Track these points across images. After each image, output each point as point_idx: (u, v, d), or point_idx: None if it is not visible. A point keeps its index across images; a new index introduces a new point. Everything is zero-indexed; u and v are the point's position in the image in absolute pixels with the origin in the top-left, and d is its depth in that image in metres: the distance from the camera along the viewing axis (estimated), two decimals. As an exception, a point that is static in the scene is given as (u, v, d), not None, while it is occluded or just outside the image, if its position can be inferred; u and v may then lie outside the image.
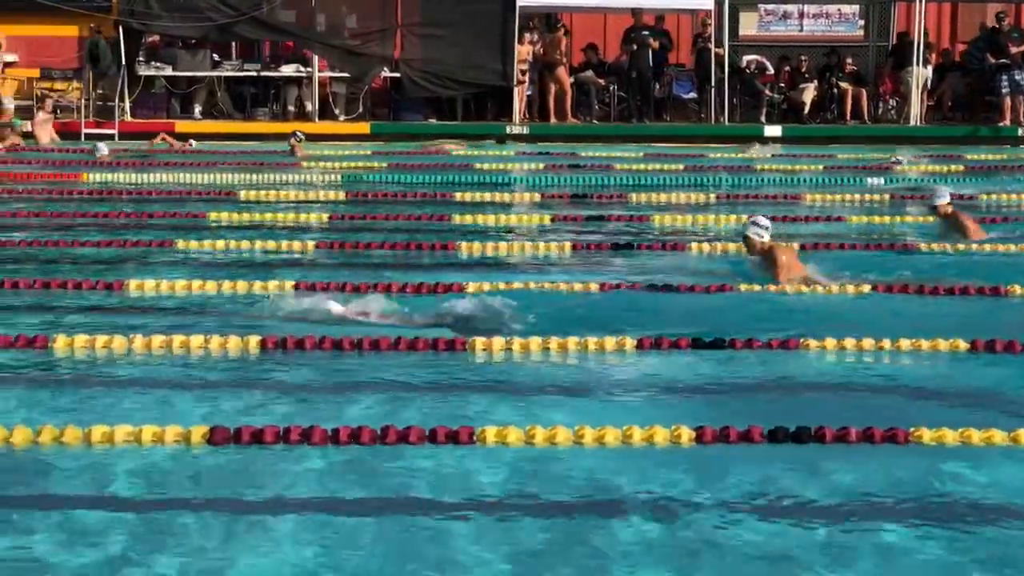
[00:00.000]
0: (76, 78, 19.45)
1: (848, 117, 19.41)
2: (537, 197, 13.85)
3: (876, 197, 13.34)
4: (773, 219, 9.31)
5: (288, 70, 19.79)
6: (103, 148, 15.47)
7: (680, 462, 4.43)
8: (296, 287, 7.89)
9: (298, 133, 16.38)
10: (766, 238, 8.32)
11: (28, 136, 17.56)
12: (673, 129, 19.45)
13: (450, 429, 4.52)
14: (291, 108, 19.70)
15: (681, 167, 15.82)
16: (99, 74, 19.08)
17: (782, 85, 20.78)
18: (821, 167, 15.78)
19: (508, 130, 19.16)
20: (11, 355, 6.31)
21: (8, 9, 18.81)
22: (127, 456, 4.50)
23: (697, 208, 12.62)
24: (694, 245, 9.84)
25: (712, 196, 13.71)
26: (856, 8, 21.08)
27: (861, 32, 21.28)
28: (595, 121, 20.09)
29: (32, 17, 19.20)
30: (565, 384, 5.85)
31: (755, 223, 8.40)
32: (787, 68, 20.91)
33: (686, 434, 4.49)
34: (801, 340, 6.27)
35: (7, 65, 19.55)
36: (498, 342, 6.36)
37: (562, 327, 6.71)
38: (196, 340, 6.47)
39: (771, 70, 21.15)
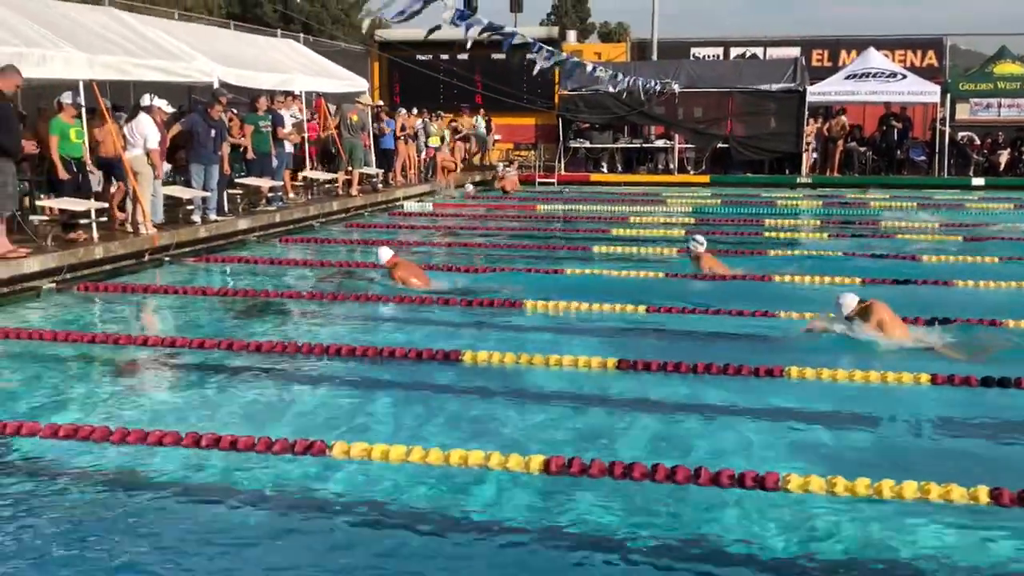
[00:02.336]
0: (532, 148, 27.89)
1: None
2: (817, 222, 17.64)
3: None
4: (975, 239, 13.80)
5: (659, 143, 26.97)
6: (470, 187, 21.58)
7: None
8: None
9: (501, 167, 23.13)
10: (701, 250, 11.14)
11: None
12: (909, 180, 24.57)
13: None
14: (660, 166, 26.77)
15: (915, 204, 20.12)
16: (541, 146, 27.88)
17: (985, 151, 25.77)
18: (1012, 206, 19.83)
19: (798, 180, 24.72)
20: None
21: (500, 108, 27.15)
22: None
23: (923, 231, 15.92)
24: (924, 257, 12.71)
25: (936, 223, 17.08)
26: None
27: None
28: (856, 174, 25.29)
29: (511, 114, 27.58)
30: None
31: (693, 238, 11.12)
32: (988, 139, 26.01)
33: None
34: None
35: (496, 141, 28.33)
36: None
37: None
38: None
39: (978, 141, 26.25)
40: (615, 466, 5.29)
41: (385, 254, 11.26)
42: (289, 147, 17.42)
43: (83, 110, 12.09)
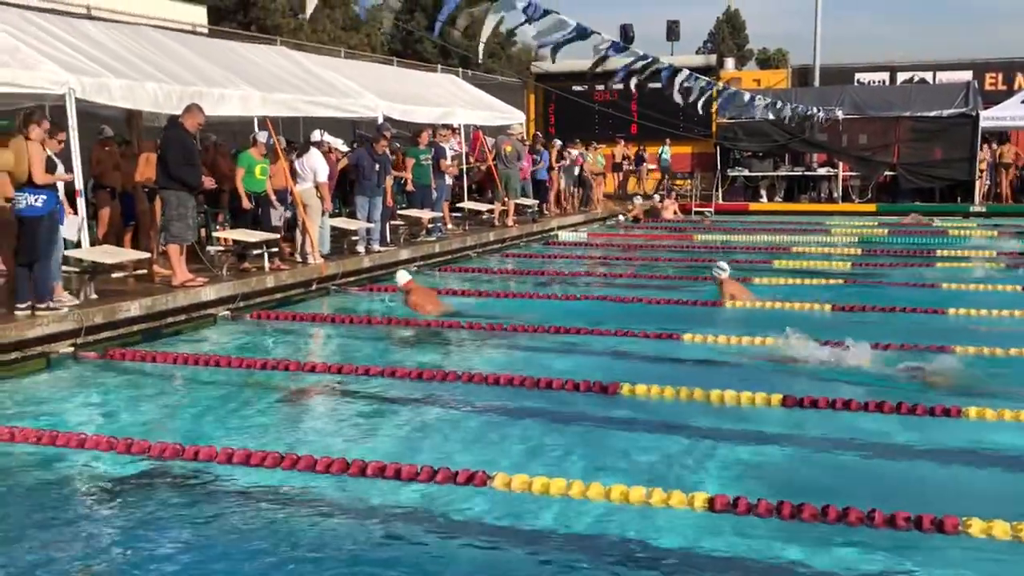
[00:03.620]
0: (690, 177, 27.57)
1: None
2: (992, 253, 16.77)
3: None
4: None
5: (822, 171, 26.32)
6: (621, 217, 22.08)
7: None
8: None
9: (636, 198, 22.48)
10: (724, 276, 11.24)
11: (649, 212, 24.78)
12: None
13: None
14: (823, 195, 26.17)
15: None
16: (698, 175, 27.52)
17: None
18: None
19: (971, 209, 24.03)
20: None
21: (656, 137, 26.87)
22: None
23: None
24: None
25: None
26: None
27: None
28: (1031, 202, 24.33)
29: (669, 143, 27.56)
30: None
31: (717, 265, 11.19)
32: None
33: None
34: None
35: (650, 171, 28.30)
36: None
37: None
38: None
39: None
40: (783, 506, 5.12)
41: (402, 278, 11.53)
42: (449, 179, 17.80)
43: (269, 150, 12.68)
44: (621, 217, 23.46)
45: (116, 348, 9.43)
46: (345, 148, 14.79)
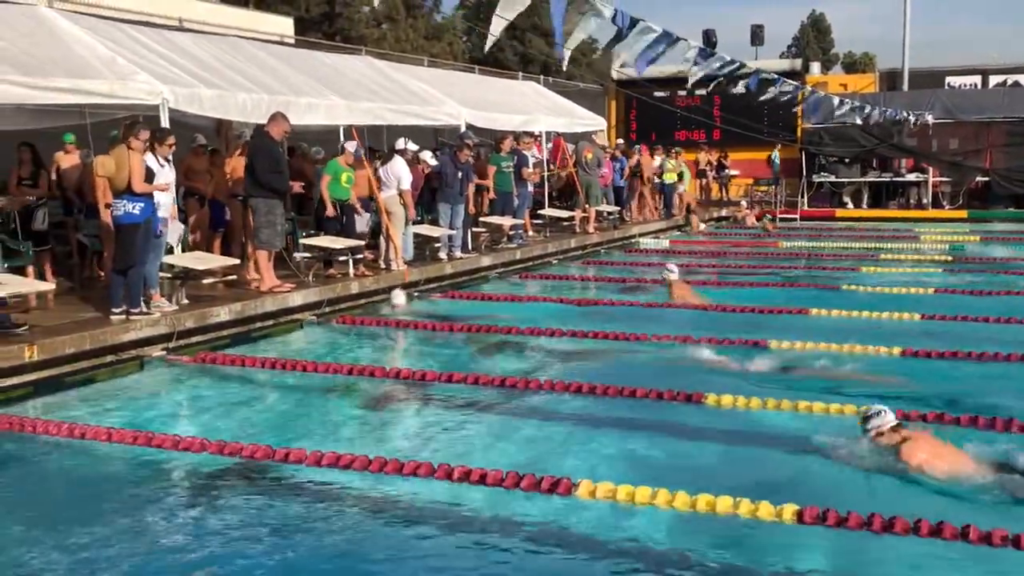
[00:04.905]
0: (773, 183, 26.83)
1: None
2: None
3: None
4: None
5: (911, 176, 25.84)
6: (702, 225, 20.24)
7: None
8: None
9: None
10: (672, 278, 11.16)
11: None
12: None
13: None
14: (912, 201, 25.58)
15: None
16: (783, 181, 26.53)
17: None
18: None
19: None
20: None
21: (739, 143, 26.53)
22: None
23: None
24: None
25: None
26: None
27: None
28: None
29: (750, 147, 26.91)
30: None
31: (665, 267, 10.62)
32: None
33: None
34: None
35: (732, 177, 27.87)
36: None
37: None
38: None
39: None
40: (874, 519, 4.99)
41: (398, 298, 12.25)
42: (531, 187, 17.84)
43: (356, 160, 12.89)
44: (702, 226, 23.12)
45: (206, 352, 9.64)
46: (434, 162, 14.91)
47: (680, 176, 23.86)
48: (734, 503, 5.28)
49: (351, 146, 12.71)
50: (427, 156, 15.09)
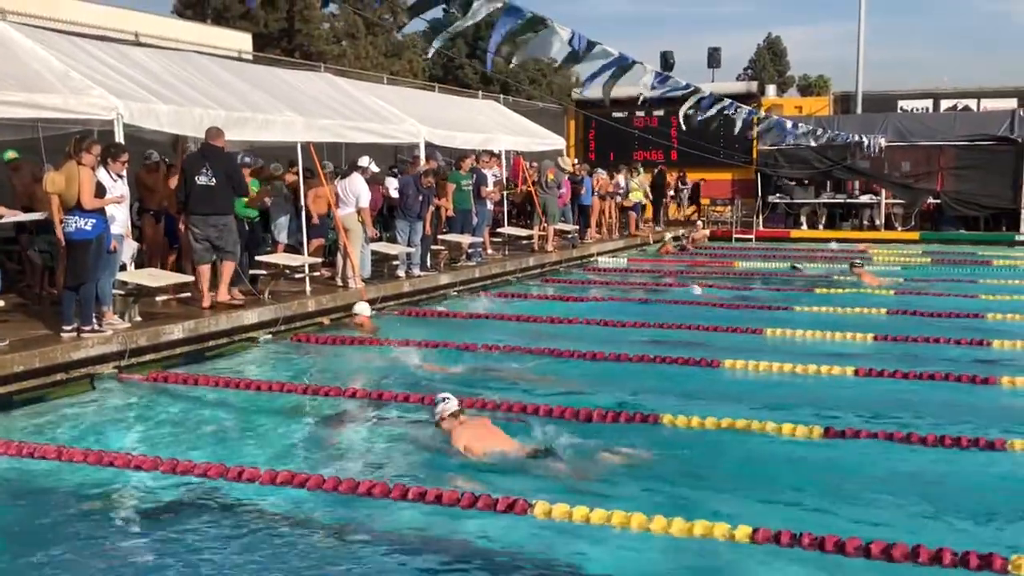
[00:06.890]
0: (728, 203, 27.31)
1: None
2: None
3: None
4: None
5: (864, 198, 26.14)
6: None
7: None
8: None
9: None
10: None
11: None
12: None
13: None
14: (865, 223, 25.97)
15: None
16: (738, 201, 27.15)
17: None
18: None
19: (1016, 237, 23.98)
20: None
21: (696, 164, 26.78)
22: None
23: None
24: None
25: None
26: None
27: None
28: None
29: (708, 169, 27.56)
30: None
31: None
32: None
33: None
34: None
35: (692, 195, 28.07)
36: None
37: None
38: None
39: None
40: (827, 540, 5.03)
41: (362, 309, 11.99)
42: (490, 205, 17.86)
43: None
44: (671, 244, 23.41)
45: (159, 370, 9.51)
46: (395, 192, 14.94)
47: (646, 195, 24.28)
48: (708, 526, 5.28)
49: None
50: (390, 184, 15.11)
